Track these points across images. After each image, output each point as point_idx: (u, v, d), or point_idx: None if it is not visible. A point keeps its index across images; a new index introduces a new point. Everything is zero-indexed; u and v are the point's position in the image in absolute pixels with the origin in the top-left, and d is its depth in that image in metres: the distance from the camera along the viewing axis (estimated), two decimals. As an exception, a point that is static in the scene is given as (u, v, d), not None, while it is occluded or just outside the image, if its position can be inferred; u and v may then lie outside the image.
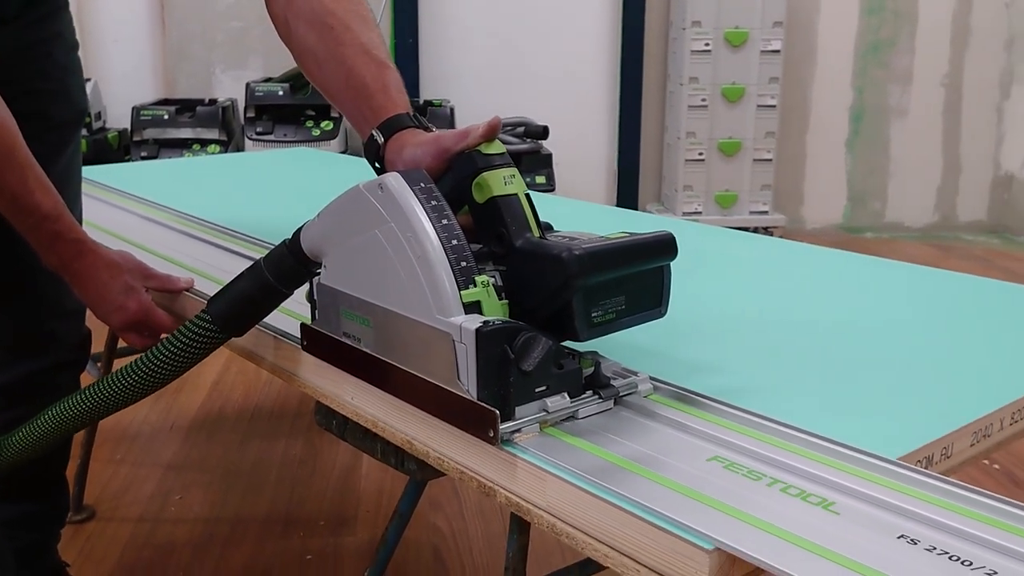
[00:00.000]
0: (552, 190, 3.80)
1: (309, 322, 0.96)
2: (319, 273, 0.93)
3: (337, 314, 0.90)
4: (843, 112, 4.63)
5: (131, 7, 4.01)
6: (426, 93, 4.30)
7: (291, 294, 0.97)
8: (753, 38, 4.14)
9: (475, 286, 0.78)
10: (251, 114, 3.75)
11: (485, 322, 0.75)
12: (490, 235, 0.83)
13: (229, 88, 4.12)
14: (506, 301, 0.80)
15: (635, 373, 0.85)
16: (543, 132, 3.91)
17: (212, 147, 3.69)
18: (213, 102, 3.89)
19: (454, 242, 0.79)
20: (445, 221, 0.80)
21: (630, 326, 0.83)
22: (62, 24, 1.37)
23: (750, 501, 0.65)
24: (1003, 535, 0.60)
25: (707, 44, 4.13)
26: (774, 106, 4.22)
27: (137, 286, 1.21)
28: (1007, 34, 4.60)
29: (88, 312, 1.26)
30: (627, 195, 4.49)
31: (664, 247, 0.82)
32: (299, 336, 0.98)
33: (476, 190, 0.84)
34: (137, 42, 4.07)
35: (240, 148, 3.81)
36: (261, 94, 3.72)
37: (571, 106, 4.38)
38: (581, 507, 0.68)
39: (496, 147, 0.87)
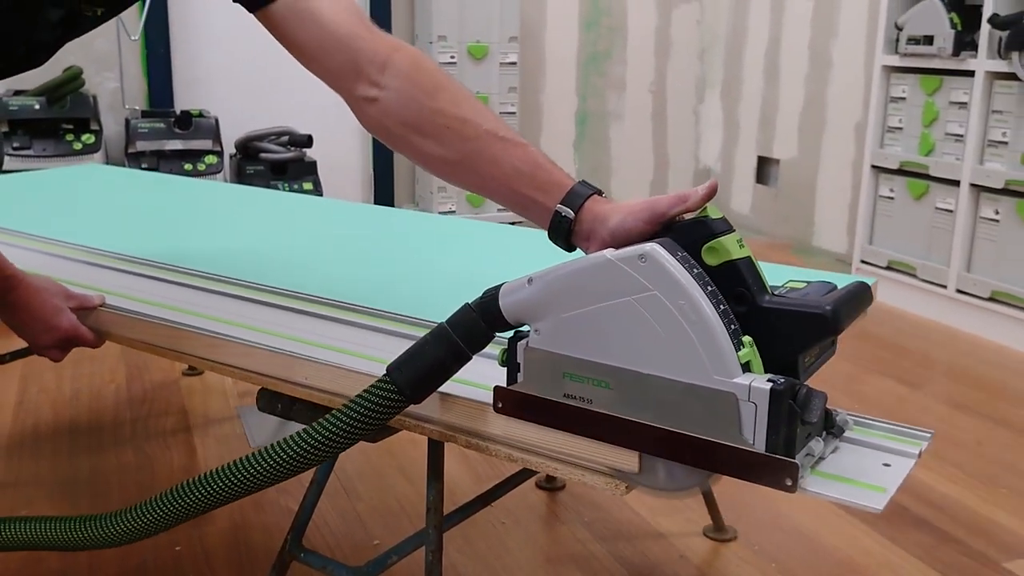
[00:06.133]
0: (320, 195, 3.99)
1: (504, 384, 0.96)
2: (523, 336, 0.94)
3: (556, 377, 0.91)
4: (570, 117, 5.15)
5: None
6: (181, 103, 4.32)
7: (472, 358, 0.96)
8: (493, 51, 4.54)
9: (744, 347, 0.82)
10: (4, 129, 3.62)
11: (772, 380, 0.79)
12: (728, 296, 0.85)
13: (-31, 101, 3.92)
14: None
15: (835, 411, 0.91)
16: (307, 141, 4.07)
17: (-37, 164, 3.53)
18: (-44, 118, 3.71)
19: (722, 307, 0.82)
20: (710, 288, 0.83)
21: (819, 367, 0.89)
22: None
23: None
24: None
25: (452, 56, 4.48)
26: (514, 112, 4.64)
27: (64, 307, 1.35)
28: (699, 46, 5.32)
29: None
30: (384, 196, 4.75)
31: (868, 295, 0.90)
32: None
33: (709, 254, 0.86)
34: None
35: (-7, 164, 3.67)
36: (15, 108, 3.60)
37: (328, 114, 4.56)
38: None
39: (716, 211, 0.90)
